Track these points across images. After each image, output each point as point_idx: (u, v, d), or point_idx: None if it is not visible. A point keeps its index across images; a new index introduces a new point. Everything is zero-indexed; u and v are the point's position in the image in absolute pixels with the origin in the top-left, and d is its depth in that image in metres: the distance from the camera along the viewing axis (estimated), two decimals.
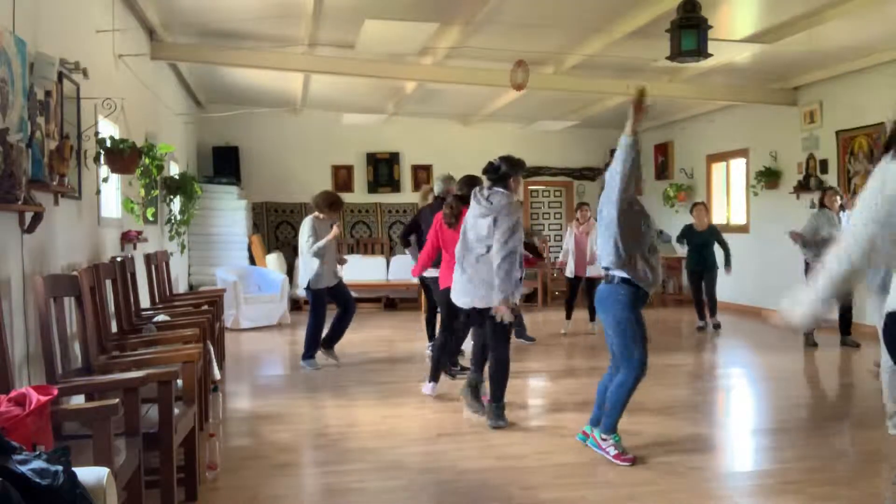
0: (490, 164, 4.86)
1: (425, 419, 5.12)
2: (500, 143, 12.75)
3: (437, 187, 6.88)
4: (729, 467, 4.21)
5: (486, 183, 4.91)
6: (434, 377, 5.79)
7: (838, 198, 7.61)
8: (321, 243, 6.62)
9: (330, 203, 6.82)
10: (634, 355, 4.08)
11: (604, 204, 4.05)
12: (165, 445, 3.09)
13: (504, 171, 4.79)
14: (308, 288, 6.79)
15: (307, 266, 6.77)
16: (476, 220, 4.82)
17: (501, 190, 4.78)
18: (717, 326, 9.03)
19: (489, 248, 4.71)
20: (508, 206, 4.71)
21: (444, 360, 5.97)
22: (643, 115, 3.88)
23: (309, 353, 6.95)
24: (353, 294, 11.62)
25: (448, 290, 5.22)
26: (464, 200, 5.48)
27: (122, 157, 4.84)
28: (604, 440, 4.17)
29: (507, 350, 4.85)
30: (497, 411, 4.85)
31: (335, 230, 6.77)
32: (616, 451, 4.11)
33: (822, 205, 7.61)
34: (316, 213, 6.86)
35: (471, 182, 5.63)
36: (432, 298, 6.91)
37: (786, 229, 7.74)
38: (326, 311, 6.90)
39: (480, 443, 4.56)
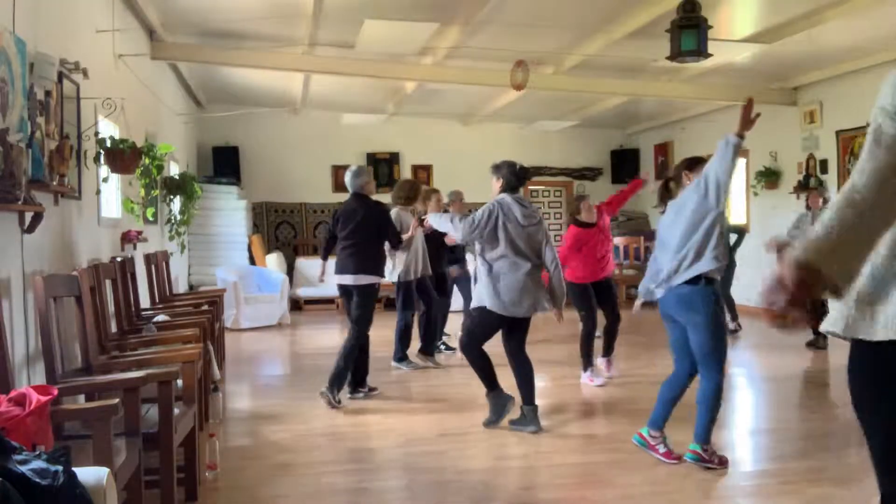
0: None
1: (425, 419, 5.12)
2: (500, 143, 12.77)
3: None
4: (729, 467, 4.21)
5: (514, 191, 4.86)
6: (587, 364, 6.10)
7: (821, 199, 7.60)
8: (405, 237, 6.40)
9: (408, 194, 6.81)
10: (721, 357, 3.97)
11: (688, 205, 3.98)
12: (165, 445, 3.09)
13: None
14: (399, 281, 6.67)
15: (397, 259, 6.60)
16: (527, 228, 4.74)
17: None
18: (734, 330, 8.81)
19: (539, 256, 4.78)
20: None
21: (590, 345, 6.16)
22: (752, 125, 4.07)
23: (400, 354, 6.86)
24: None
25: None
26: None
27: (122, 157, 4.84)
28: (703, 452, 4.00)
29: None
30: (535, 414, 4.78)
31: (415, 224, 6.53)
32: (666, 450, 4.12)
33: (807, 206, 7.62)
34: (400, 206, 6.82)
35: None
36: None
37: (786, 229, 7.74)
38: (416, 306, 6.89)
39: (481, 443, 4.56)
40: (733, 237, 8.48)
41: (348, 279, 5.58)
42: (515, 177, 4.80)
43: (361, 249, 5.58)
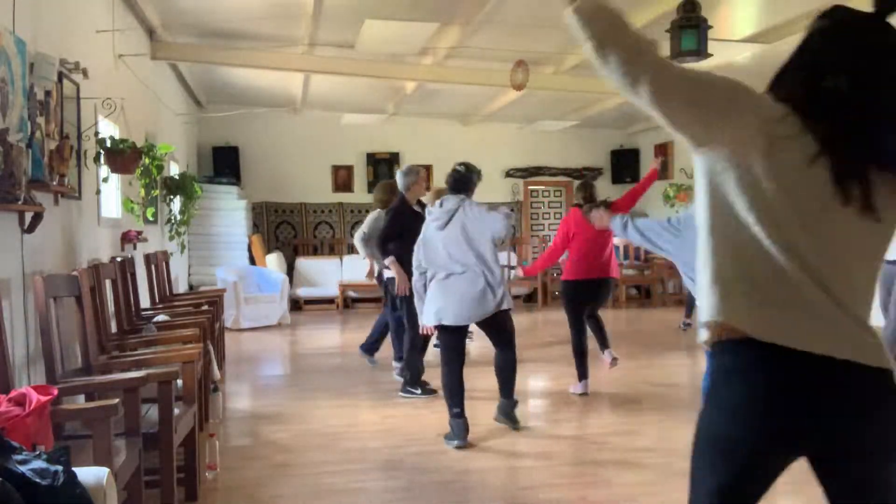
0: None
1: (425, 419, 5.12)
2: (500, 143, 12.78)
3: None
4: None
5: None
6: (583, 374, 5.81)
7: None
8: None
9: (387, 196, 6.50)
10: None
11: None
12: (165, 445, 3.09)
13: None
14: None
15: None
16: (441, 232, 4.65)
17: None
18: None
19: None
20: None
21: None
22: None
23: (399, 353, 6.54)
24: (353, 294, 11.80)
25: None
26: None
27: (122, 157, 4.84)
28: None
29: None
30: (513, 409, 4.79)
31: None
32: None
33: None
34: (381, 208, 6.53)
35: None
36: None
37: None
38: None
39: (480, 443, 4.56)
40: None
41: (387, 274, 6.12)
42: (454, 180, 4.79)
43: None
